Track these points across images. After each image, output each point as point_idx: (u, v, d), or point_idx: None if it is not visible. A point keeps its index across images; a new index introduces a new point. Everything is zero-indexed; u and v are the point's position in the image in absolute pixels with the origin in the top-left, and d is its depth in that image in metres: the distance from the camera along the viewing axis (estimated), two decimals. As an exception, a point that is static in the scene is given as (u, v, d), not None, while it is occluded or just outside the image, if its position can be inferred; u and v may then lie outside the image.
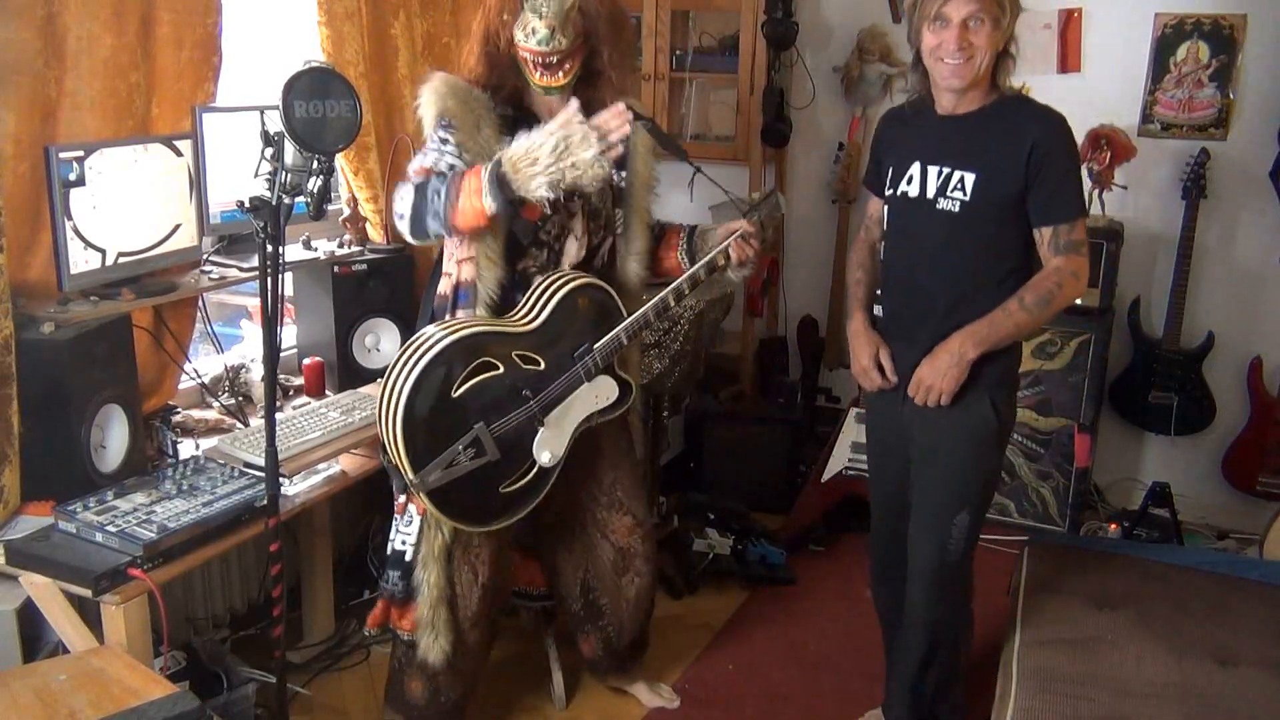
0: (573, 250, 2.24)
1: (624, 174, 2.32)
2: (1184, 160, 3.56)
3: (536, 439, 2.15)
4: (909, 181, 2.20)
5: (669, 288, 2.24)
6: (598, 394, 2.25)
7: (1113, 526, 3.60)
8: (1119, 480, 3.92)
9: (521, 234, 2.13)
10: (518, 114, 2.17)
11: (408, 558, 2.25)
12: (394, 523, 2.29)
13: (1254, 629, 2.30)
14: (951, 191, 2.13)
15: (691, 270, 2.27)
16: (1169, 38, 3.57)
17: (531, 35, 2.06)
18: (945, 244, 2.16)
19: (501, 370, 2.09)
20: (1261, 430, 3.59)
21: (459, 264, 2.16)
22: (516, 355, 2.11)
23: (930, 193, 2.16)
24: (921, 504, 2.27)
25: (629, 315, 2.23)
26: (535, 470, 2.18)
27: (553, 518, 2.48)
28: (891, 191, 2.25)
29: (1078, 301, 2.69)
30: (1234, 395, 3.68)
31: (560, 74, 2.11)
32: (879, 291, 2.37)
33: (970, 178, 2.10)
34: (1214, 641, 2.23)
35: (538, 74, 2.11)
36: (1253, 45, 3.49)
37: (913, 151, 2.19)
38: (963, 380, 2.12)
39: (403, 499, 2.26)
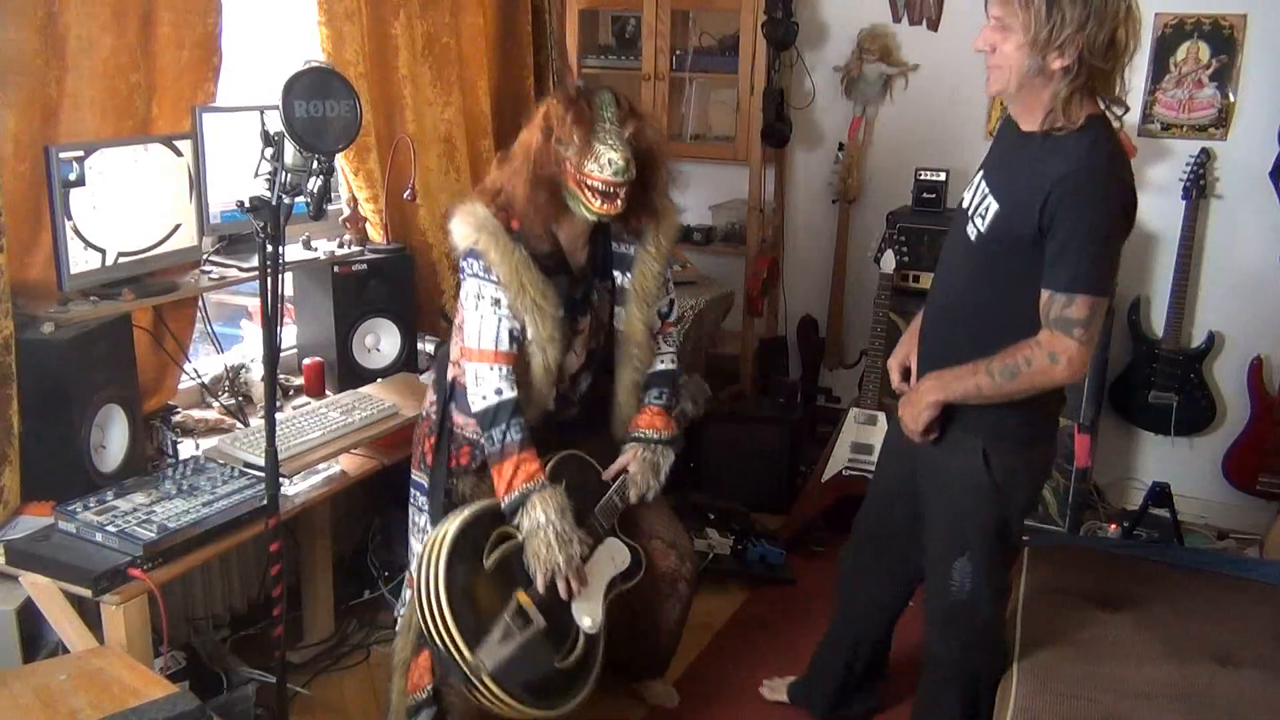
0: (573, 363, 2.34)
1: (628, 276, 2.34)
2: (1184, 160, 3.56)
3: (574, 604, 2.18)
4: (969, 188, 2.07)
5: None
6: (614, 557, 2.31)
7: (1113, 526, 3.60)
8: (1119, 480, 3.92)
9: None
10: (551, 249, 2.23)
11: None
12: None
13: (1254, 629, 2.30)
14: (976, 216, 1.98)
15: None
16: (1169, 38, 3.57)
17: (607, 166, 2.09)
18: (960, 267, 2.05)
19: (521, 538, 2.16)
20: (1262, 430, 3.59)
21: None
22: None
23: (970, 207, 2.02)
24: (928, 538, 2.21)
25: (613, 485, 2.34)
26: (583, 639, 2.19)
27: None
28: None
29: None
30: (1234, 395, 3.68)
31: (619, 202, 2.14)
32: None
33: (993, 208, 1.94)
34: (1214, 641, 2.23)
35: (598, 202, 2.13)
36: (1253, 45, 3.49)
37: (990, 160, 2.07)
38: (930, 422, 2.02)
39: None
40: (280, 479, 2.10)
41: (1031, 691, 2.08)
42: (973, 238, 1.98)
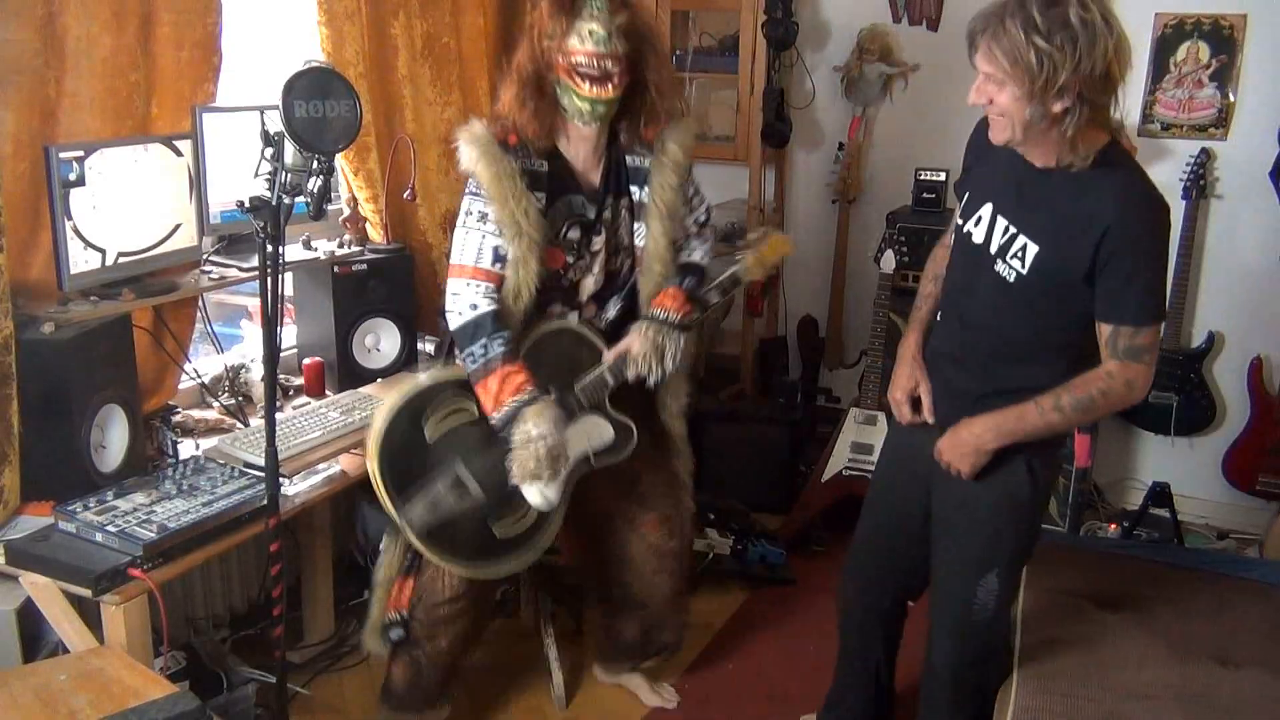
0: (589, 284, 2.33)
1: (646, 190, 2.32)
2: (1184, 160, 3.56)
3: (527, 483, 2.16)
4: (977, 223, 2.00)
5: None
6: (589, 434, 2.25)
7: (1113, 526, 3.61)
8: (1119, 480, 3.92)
9: (549, 281, 2.24)
10: (551, 168, 2.21)
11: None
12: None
13: (1254, 629, 2.30)
14: (1011, 258, 1.92)
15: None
16: (1169, 38, 3.57)
17: (588, 38, 2.08)
18: (995, 309, 1.97)
19: (478, 414, 2.17)
20: (1262, 430, 3.59)
21: None
22: None
23: (993, 248, 1.95)
24: (945, 563, 2.14)
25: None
26: (533, 512, 2.19)
27: (591, 511, 2.51)
28: (961, 223, 2.05)
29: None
30: (1234, 395, 3.68)
31: (610, 86, 2.12)
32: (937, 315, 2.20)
33: (1032, 249, 1.88)
34: (1214, 641, 2.23)
35: (587, 85, 2.11)
36: (1253, 45, 3.49)
37: (991, 187, 1.98)
38: (981, 466, 1.97)
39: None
40: (280, 479, 2.10)
41: (1032, 692, 2.08)
42: (1011, 279, 1.93)
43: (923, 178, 3.74)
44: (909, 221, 3.64)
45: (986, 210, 1.98)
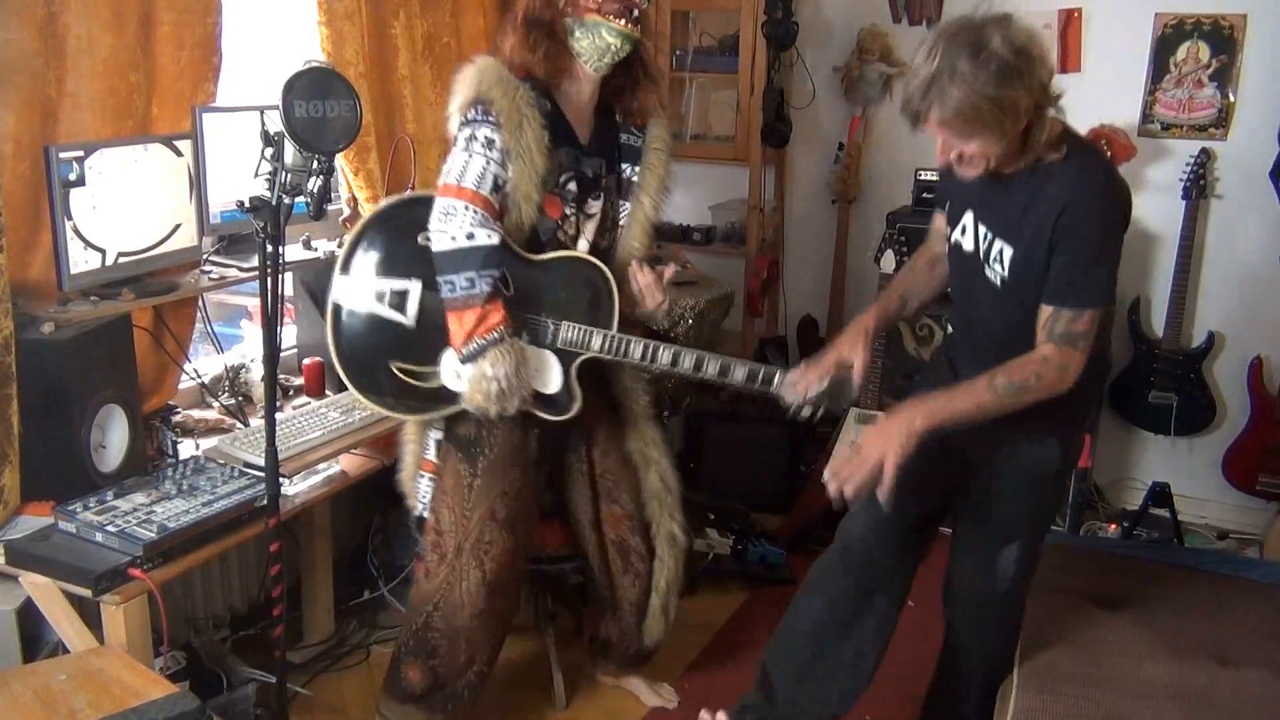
0: (582, 248, 2.29)
1: (637, 168, 2.33)
2: (1184, 160, 3.55)
3: (450, 351, 2.13)
4: (963, 232, 2.03)
5: (675, 347, 2.22)
6: (536, 369, 2.18)
7: (1113, 526, 3.61)
8: (1119, 480, 3.92)
9: (543, 231, 2.20)
10: (554, 111, 2.19)
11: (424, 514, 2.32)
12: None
13: (1254, 629, 2.30)
14: (994, 263, 1.95)
15: (704, 357, 2.23)
16: (1169, 38, 3.57)
17: None
18: (993, 308, 2.02)
19: None
20: (1262, 430, 3.58)
21: None
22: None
23: (980, 254, 1.99)
24: (967, 534, 2.17)
25: (614, 327, 2.21)
26: (436, 382, 2.16)
27: (571, 513, 2.51)
28: (950, 234, 2.07)
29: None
30: (1234, 395, 3.68)
31: (637, 24, 2.13)
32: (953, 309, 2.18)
33: (1009, 253, 1.91)
34: (1214, 641, 2.23)
35: (622, 21, 2.10)
36: (1253, 45, 3.49)
37: (968, 196, 1.99)
38: (909, 450, 1.87)
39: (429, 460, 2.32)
40: (280, 479, 2.10)
41: (1032, 691, 2.08)
42: (998, 284, 1.96)
43: (923, 178, 3.73)
44: (909, 221, 3.64)
45: (968, 219, 2.00)
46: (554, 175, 2.18)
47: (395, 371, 2.17)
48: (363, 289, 2.16)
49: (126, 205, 2.34)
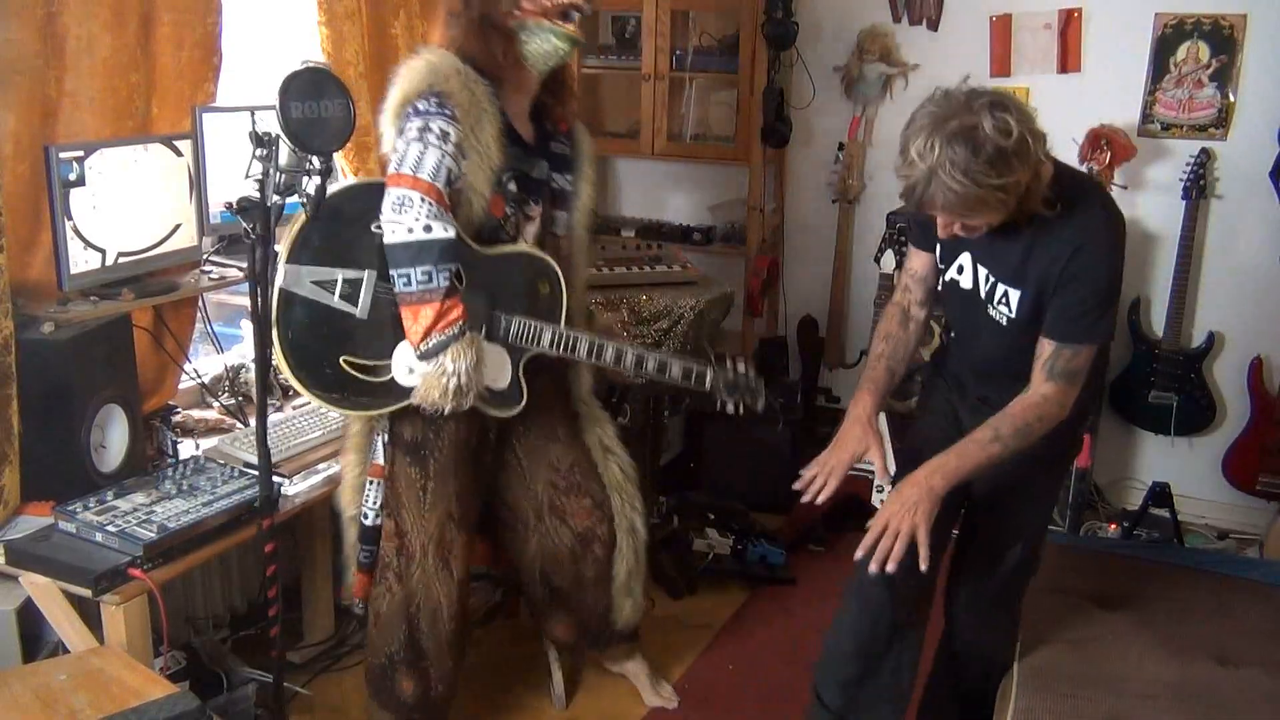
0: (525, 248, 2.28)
1: (569, 177, 2.33)
2: (1184, 160, 3.55)
3: (403, 344, 2.08)
4: (960, 271, 2.03)
5: (619, 345, 2.23)
6: (489, 364, 2.13)
7: (1113, 526, 3.61)
8: (1119, 480, 3.92)
9: (487, 230, 2.16)
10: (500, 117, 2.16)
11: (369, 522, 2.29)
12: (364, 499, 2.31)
13: (1254, 629, 2.30)
14: (999, 304, 1.97)
15: (644, 354, 2.24)
16: (1169, 38, 3.57)
17: None
18: (998, 347, 2.02)
19: None
20: (1262, 430, 3.58)
21: None
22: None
23: (982, 294, 2.00)
24: (971, 538, 2.20)
25: (564, 325, 2.20)
26: (386, 376, 2.11)
27: (506, 511, 2.48)
28: (944, 270, 2.07)
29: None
30: (1234, 395, 3.68)
31: (577, 25, 2.14)
32: (950, 335, 2.19)
33: (1015, 295, 1.93)
34: (1214, 641, 2.23)
35: (564, 23, 2.11)
36: (1253, 45, 3.49)
37: (961, 240, 1.95)
38: (934, 513, 1.87)
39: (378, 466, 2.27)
40: (280, 479, 2.09)
41: (1032, 691, 2.08)
42: (1004, 323, 1.98)
43: (923, 178, 3.73)
44: (909, 221, 3.64)
45: (965, 260, 2.01)
46: (500, 173, 2.15)
47: (343, 365, 2.09)
48: (312, 276, 2.05)
49: (126, 205, 2.34)
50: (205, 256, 2.65)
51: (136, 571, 1.94)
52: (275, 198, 1.88)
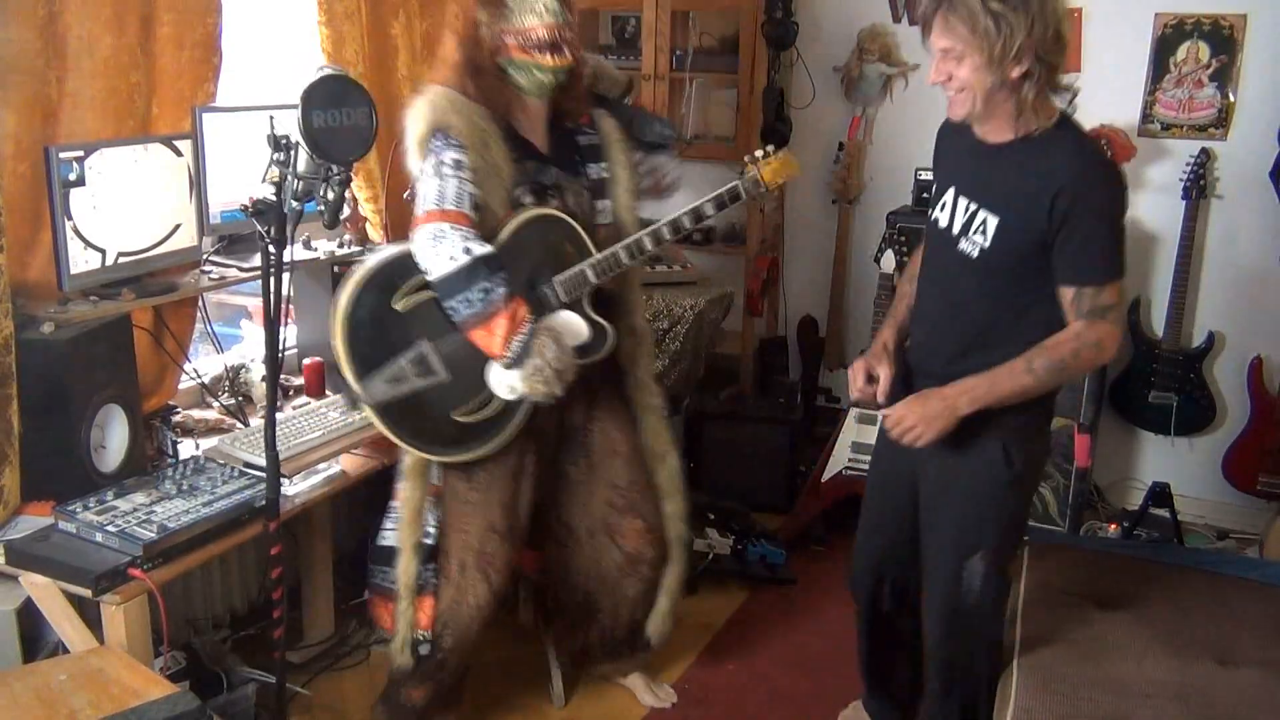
0: None
1: (603, 165, 2.35)
2: (1184, 160, 3.55)
3: (491, 367, 2.13)
4: (942, 208, 2.06)
5: (646, 229, 2.26)
6: (564, 333, 2.18)
7: (1113, 526, 3.61)
8: (1119, 480, 3.92)
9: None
10: (507, 133, 2.20)
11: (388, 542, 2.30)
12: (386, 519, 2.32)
13: (1254, 629, 2.30)
14: (974, 233, 1.97)
15: (674, 216, 2.28)
16: (1169, 38, 3.57)
17: (545, 13, 2.10)
18: (962, 289, 2.03)
19: None
20: (1262, 430, 3.58)
21: None
22: None
23: (955, 229, 2.01)
24: (931, 543, 2.18)
25: (597, 253, 2.23)
26: (497, 400, 2.16)
27: (559, 525, 2.49)
28: (930, 211, 2.11)
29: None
30: (1234, 395, 3.68)
31: (566, 52, 2.15)
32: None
33: (993, 221, 1.94)
34: (1214, 641, 2.23)
35: (548, 56, 2.12)
36: (1253, 45, 3.49)
37: (952, 173, 2.06)
38: (948, 430, 1.94)
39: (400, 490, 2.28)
40: (280, 479, 2.09)
41: (1031, 691, 2.08)
42: (974, 255, 1.98)
43: (923, 178, 3.73)
44: (909, 221, 3.63)
45: (949, 195, 2.05)
46: (512, 189, 2.20)
47: (458, 420, 2.18)
48: (383, 379, 2.12)
49: (126, 205, 2.34)
50: (205, 256, 2.65)
51: (136, 571, 1.94)
52: (293, 203, 1.88)
